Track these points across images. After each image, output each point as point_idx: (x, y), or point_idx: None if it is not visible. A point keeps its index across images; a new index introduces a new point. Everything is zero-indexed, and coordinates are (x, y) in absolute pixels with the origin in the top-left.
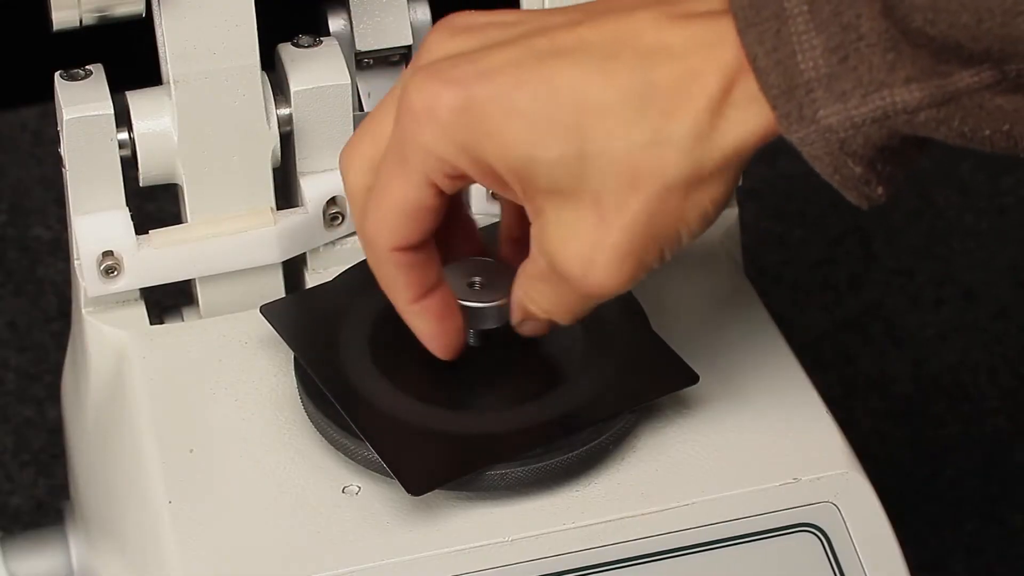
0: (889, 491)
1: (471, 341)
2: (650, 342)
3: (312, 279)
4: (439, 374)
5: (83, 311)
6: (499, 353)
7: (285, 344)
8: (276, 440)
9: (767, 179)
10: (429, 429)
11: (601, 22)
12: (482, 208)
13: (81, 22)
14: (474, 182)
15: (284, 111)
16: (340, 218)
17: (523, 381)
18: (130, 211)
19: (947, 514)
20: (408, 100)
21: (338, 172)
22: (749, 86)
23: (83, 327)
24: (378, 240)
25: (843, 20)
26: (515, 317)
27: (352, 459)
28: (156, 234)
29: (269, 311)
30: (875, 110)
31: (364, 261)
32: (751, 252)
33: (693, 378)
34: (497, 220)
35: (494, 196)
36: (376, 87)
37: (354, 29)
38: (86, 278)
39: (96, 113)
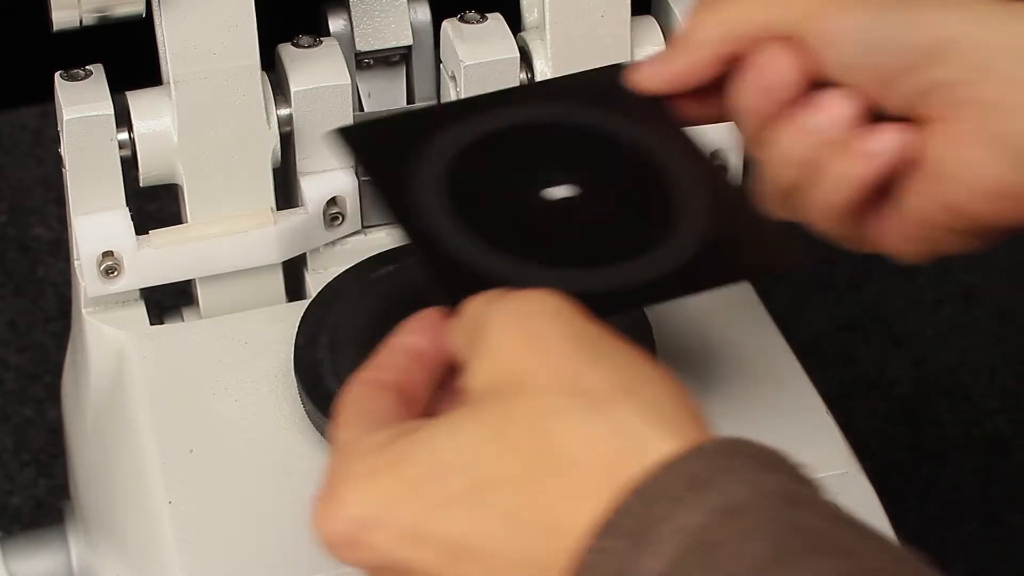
0: (889, 491)
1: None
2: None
3: (312, 279)
4: (518, 221)
5: (83, 311)
6: (589, 208)
7: (288, 337)
8: (276, 440)
9: None
10: (490, 266)
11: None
12: None
13: (81, 22)
14: None
15: (284, 111)
16: (340, 218)
17: (607, 240)
18: (130, 211)
19: (947, 514)
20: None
21: (338, 172)
22: None
23: (83, 327)
24: None
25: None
26: None
27: None
28: (156, 234)
29: (346, 135)
30: None
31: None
32: None
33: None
34: None
35: None
36: (376, 87)
37: (354, 29)
38: (86, 278)
39: (96, 113)
